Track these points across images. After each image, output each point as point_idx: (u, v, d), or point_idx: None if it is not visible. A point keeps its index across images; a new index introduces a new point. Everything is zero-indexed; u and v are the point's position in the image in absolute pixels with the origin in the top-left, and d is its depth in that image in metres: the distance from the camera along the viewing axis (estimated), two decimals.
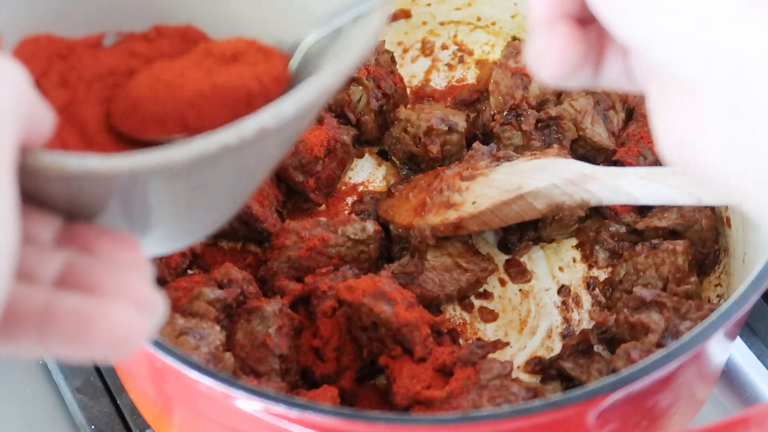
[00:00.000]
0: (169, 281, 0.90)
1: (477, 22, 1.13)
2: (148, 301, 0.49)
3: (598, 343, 0.88)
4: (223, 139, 0.48)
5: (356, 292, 0.85)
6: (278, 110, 0.50)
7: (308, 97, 0.51)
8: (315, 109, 0.53)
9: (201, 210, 0.55)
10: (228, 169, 0.51)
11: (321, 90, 0.51)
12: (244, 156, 0.51)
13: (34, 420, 0.96)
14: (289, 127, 0.52)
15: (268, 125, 0.49)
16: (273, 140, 0.52)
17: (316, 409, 0.68)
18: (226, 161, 0.50)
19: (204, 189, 0.52)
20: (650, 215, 0.96)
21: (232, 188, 0.55)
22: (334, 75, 0.52)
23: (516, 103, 1.00)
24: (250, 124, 0.49)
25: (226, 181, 0.53)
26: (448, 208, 0.92)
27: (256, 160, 0.54)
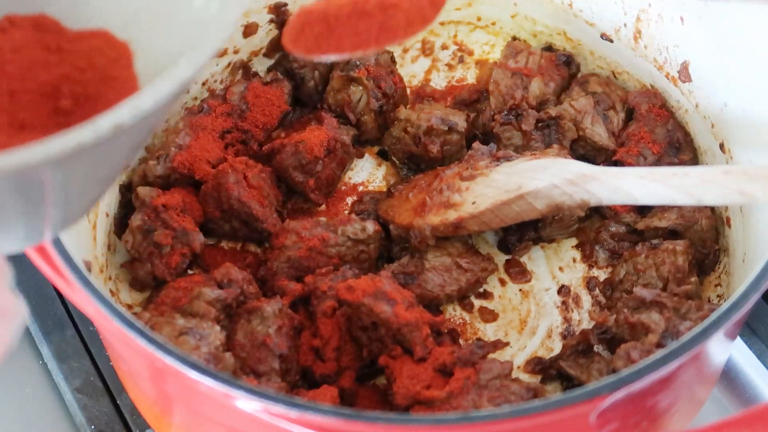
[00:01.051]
0: (169, 281, 0.90)
1: (477, 22, 1.13)
2: (7, 309, 0.48)
3: (598, 343, 0.88)
4: (78, 137, 0.47)
5: (356, 292, 0.85)
6: (135, 105, 0.49)
7: (164, 90, 0.50)
8: (171, 103, 0.53)
9: (65, 205, 0.53)
10: (88, 164, 0.51)
11: (176, 83, 0.50)
12: (104, 151, 0.50)
13: (34, 420, 0.96)
14: (146, 121, 0.51)
15: (124, 121, 0.49)
16: (134, 133, 0.52)
17: (316, 409, 0.68)
18: (85, 158, 0.49)
19: (65, 185, 0.51)
20: (650, 215, 0.96)
21: (93, 181, 0.54)
22: (189, 68, 0.51)
23: (516, 103, 1.00)
24: (105, 121, 0.48)
25: (88, 175, 0.52)
26: (448, 208, 0.92)
27: (117, 153, 0.53)
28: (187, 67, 0.51)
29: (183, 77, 0.51)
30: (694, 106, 0.99)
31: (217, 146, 0.99)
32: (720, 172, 0.83)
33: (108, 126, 0.48)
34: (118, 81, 0.58)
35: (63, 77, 0.57)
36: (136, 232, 0.92)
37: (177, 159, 0.96)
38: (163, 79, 0.50)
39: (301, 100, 1.07)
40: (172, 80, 0.50)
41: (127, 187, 0.98)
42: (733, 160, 0.95)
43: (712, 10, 0.95)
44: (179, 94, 0.52)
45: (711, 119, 0.97)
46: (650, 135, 1.00)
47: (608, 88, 1.04)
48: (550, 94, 1.04)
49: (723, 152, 0.96)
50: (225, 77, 1.07)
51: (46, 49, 0.58)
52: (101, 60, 0.58)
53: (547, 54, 1.07)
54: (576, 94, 1.03)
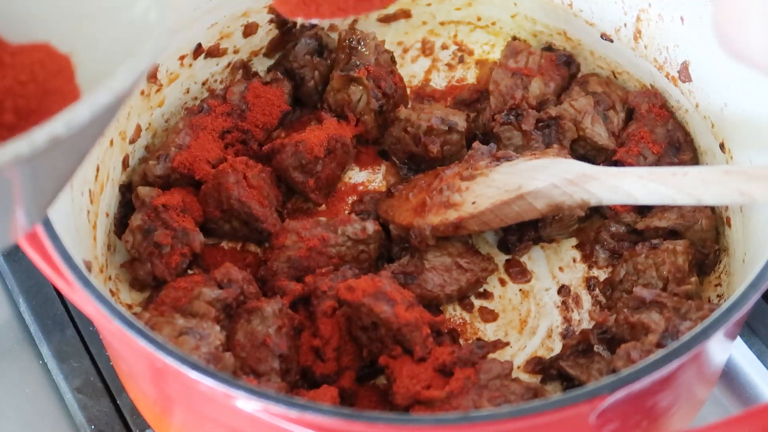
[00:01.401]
0: (169, 281, 0.90)
1: (477, 22, 1.13)
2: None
3: (598, 343, 0.88)
4: (13, 151, 0.47)
5: (356, 292, 0.85)
6: (71, 117, 0.49)
7: (100, 101, 0.50)
8: (112, 112, 0.52)
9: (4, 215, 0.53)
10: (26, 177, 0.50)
11: (113, 94, 0.50)
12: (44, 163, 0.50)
13: (34, 420, 0.96)
14: (84, 132, 0.50)
15: (60, 133, 0.48)
16: (69, 146, 0.51)
17: (316, 409, 0.68)
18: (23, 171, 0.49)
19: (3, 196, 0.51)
20: (650, 215, 0.96)
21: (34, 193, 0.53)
22: (127, 77, 0.51)
23: (516, 103, 1.00)
24: (41, 134, 0.48)
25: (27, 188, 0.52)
26: (448, 208, 0.92)
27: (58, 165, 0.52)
28: (123, 78, 0.51)
29: (120, 88, 0.51)
30: (694, 106, 0.99)
31: (217, 146, 0.99)
32: (720, 172, 0.83)
33: (43, 138, 0.48)
34: (60, 94, 0.58)
35: (5, 91, 0.57)
36: (136, 232, 0.92)
37: (177, 159, 0.96)
38: (99, 90, 0.50)
39: (301, 100, 1.07)
40: (109, 91, 0.50)
41: (127, 187, 0.98)
42: (733, 160, 0.95)
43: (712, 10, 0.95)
44: (118, 104, 0.52)
45: (711, 119, 0.97)
46: (650, 135, 1.00)
47: (608, 88, 1.04)
48: (550, 94, 1.04)
49: (723, 152, 0.96)
50: (225, 77, 1.07)
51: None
52: (43, 73, 0.58)
53: (547, 54, 1.07)
54: (576, 94, 1.03)
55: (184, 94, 1.04)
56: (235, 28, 1.05)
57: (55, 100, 0.57)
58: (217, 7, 1.02)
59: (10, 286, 1.03)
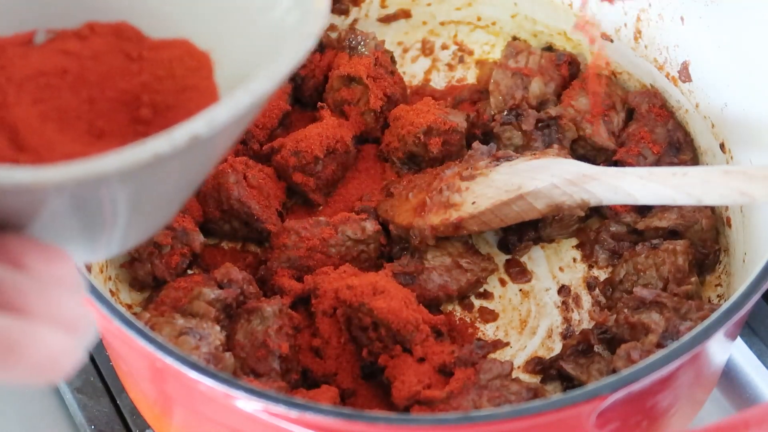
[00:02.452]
0: (169, 281, 0.90)
1: (477, 22, 1.13)
2: (78, 323, 0.47)
3: (598, 343, 0.88)
4: (154, 148, 0.47)
5: (356, 292, 0.85)
6: (212, 117, 0.48)
7: (242, 103, 0.49)
8: (249, 115, 0.52)
9: (134, 217, 0.53)
10: (162, 176, 0.50)
11: (255, 96, 0.50)
12: (180, 163, 0.50)
13: (34, 420, 0.96)
14: (223, 134, 0.50)
15: (201, 133, 0.48)
16: (211, 145, 0.51)
17: (316, 409, 0.68)
18: (160, 169, 0.49)
19: (137, 197, 0.50)
20: (650, 215, 0.96)
21: (168, 193, 0.53)
22: (268, 81, 0.50)
23: (516, 103, 1.00)
24: (182, 132, 0.48)
25: (160, 187, 0.51)
26: (448, 208, 0.92)
27: (193, 165, 0.52)
28: (265, 81, 0.50)
29: (261, 91, 0.50)
30: (694, 106, 0.99)
31: None
32: (720, 172, 0.83)
33: (185, 137, 0.47)
34: (197, 91, 0.57)
35: (142, 86, 0.56)
36: None
37: None
38: (241, 91, 0.49)
39: (301, 100, 1.07)
40: (251, 93, 0.49)
41: None
42: (733, 160, 0.95)
43: (712, 10, 0.95)
44: (257, 108, 0.51)
45: (711, 119, 0.97)
46: (650, 135, 1.00)
47: (608, 88, 1.04)
48: (550, 94, 1.04)
49: (723, 152, 0.96)
50: None
51: (126, 58, 0.58)
52: (181, 69, 0.58)
53: (547, 54, 1.06)
54: (576, 94, 1.03)
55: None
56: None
57: (192, 97, 0.56)
58: None
59: None
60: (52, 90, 0.55)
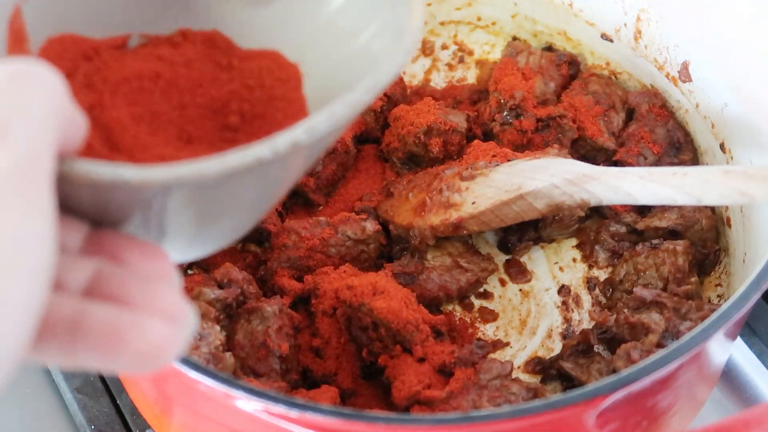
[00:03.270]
0: None
1: (477, 22, 1.13)
2: (180, 314, 0.48)
3: (598, 343, 0.88)
4: (256, 153, 0.48)
5: (356, 292, 0.85)
6: (312, 125, 0.50)
7: (341, 112, 0.51)
8: (344, 126, 0.53)
9: (225, 220, 0.54)
10: (255, 182, 0.51)
11: (354, 106, 0.51)
12: (274, 170, 0.51)
13: (34, 420, 0.96)
14: (320, 142, 0.52)
15: (301, 140, 0.49)
16: (302, 155, 0.52)
17: (316, 409, 0.68)
18: (256, 175, 0.50)
19: (230, 200, 0.52)
20: (650, 215, 0.96)
21: (256, 200, 0.54)
22: (367, 92, 0.52)
23: (516, 103, 1.00)
24: (283, 139, 0.49)
25: (251, 193, 0.53)
26: (448, 208, 0.92)
27: (283, 174, 0.53)
28: (364, 92, 0.52)
29: (359, 102, 0.51)
30: (694, 106, 0.99)
31: None
32: (720, 172, 0.83)
33: (286, 144, 0.49)
34: (285, 101, 0.58)
35: (232, 94, 0.58)
36: None
37: None
38: (339, 102, 0.51)
39: None
40: (349, 105, 0.51)
41: None
42: (733, 160, 0.95)
43: (712, 10, 0.95)
44: (352, 120, 0.53)
45: (711, 119, 0.97)
46: (650, 135, 1.00)
47: (608, 88, 1.04)
48: (550, 94, 1.04)
49: (723, 152, 0.96)
50: None
51: (217, 65, 0.59)
52: (270, 80, 0.59)
53: (548, 54, 1.06)
54: (576, 95, 1.03)
55: None
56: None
57: (280, 107, 0.58)
58: None
59: None
60: (145, 93, 0.56)
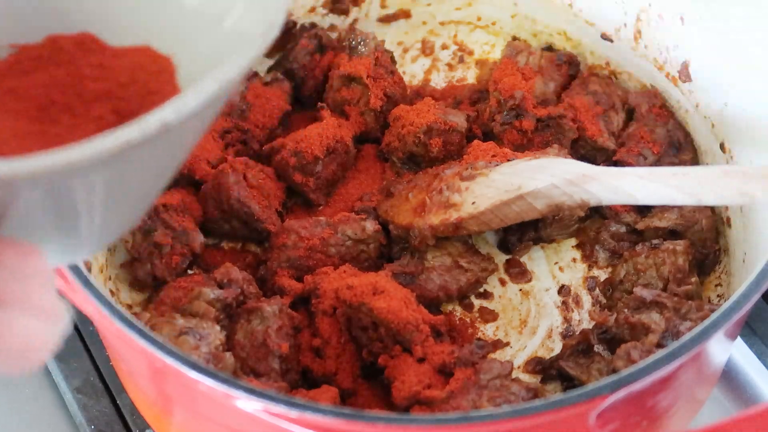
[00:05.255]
0: (169, 281, 0.90)
1: (477, 22, 1.13)
2: (52, 311, 0.48)
3: (598, 343, 0.88)
4: (125, 135, 0.47)
5: (356, 292, 0.85)
6: (179, 104, 0.49)
7: (209, 90, 0.50)
8: (217, 104, 0.53)
9: (108, 212, 0.53)
10: (131, 167, 0.50)
11: (222, 82, 0.50)
12: (148, 153, 0.50)
13: (34, 420, 0.96)
14: (192, 122, 0.50)
15: (170, 119, 0.48)
16: (176, 136, 0.51)
17: (316, 409, 0.68)
18: (130, 159, 0.49)
19: (109, 189, 0.50)
20: (650, 215, 0.96)
21: (137, 188, 0.53)
22: (235, 68, 0.51)
23: (516, 103, 1.00)
24: (153, 119, 0.48)
25: (130, 180, 0.51)
26: (448, 209, 0.92)
27: (161, 158, 0.52)
28: (230, 68, 0.51)
29: (227, 78, 0.51)
30: (694, 106, 0.99)
31: (217, 146, 0.99)
32: (720, 172, 0.83)
33: (155, 124, 0.48)
34: (161, 95, 0.58)
35: (107, 94, 0.57)
36: (136, 232, 0.92)
37: None
38: (207, 79, 0.50)
39: (301, 100, 1.07)
40: (217, 81, 0.50)
41: None
42: (733, 160, 0.95)
43: (712, 10, 0.95)
44: (223, 97, 0.52)
45: (711, 119, 0.97)
46: (650, 135, 1.00)
47: (608, 88, 1.04)
48: (550, 94, 1.04)
49: (723, 152, 0.96)
50: None
51: (89, 67, 0.58)
52: (144, 75, 0.58)
53: (548, 54, 1.06)
54: (576, 94, 1.03)
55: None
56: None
57: (156, 100, 0.57)
58: None
59: None
60: (16, 97, 0.55)
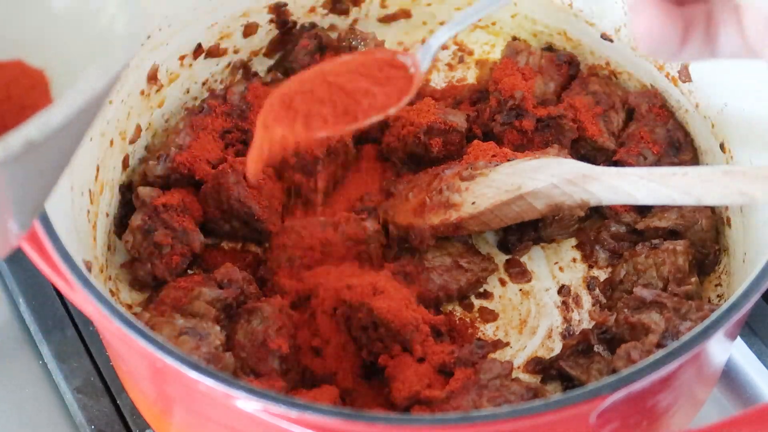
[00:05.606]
0: (169, 281, 0.90)
1: (477, 22, 1.13)
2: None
3: (598, 343, 0.88)
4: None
5: (356, 291, 0.85)
6: (44, 121, 0.48)
7: (73, 103, 0.49)
8: (89, 114, 0.51)
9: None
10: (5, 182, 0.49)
11: (85, 95, 0.49)
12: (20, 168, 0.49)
13: (34, 420, 0.96)
14: (62, 135, 0.49)
15: (34, 137, 0.47)
16: (46, 150, 0.50)
17: (316, 409, 0.68)
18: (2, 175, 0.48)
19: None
20: (650, 215, 0.96)
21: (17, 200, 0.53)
22: (97, 79, 0.50)
23: (516, 103, 1.00)
24: (15, 138, 0.47)
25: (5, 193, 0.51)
26: (448, 209, 0.92)
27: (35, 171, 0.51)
28: (94, 80, 0.50)
29: (90, 89, 0.50)
30: (694, 106, 0.99)
31: (217, 146, 0.99)
32: (720, 172, 0.83)
33: (18, 142, 0.47)
34: (36, 108, 0.57)
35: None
36: (136, 232, 0.92)
37: (177, 159, 0.96)
38: (71, 92, 0.49)
39: None
40: (80, 93, 0.49)
41: (128, 187, 0.98)
42: (733, 160, 0.95)
43: None
44: (96, 106, 0.51)
45: (711, 119, 0.97)
46: (650, 135, 1.00)
47: (608, 88, 1.04)
48: (550, 94, 1.04)
49: (723, 152, 0.96)
50: (225, 77, 1.07)
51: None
52: (17, 90, 0.58)
53: (548, 54, 1.06)
54: (576, 94, 1.03)
55: (185, 94, 1.04)
56: (235, 28, 1.05)
57: (30, 115, 0.55)
58: (217, 8, 1.02)
59: (10, 286, 1.03)
60: None
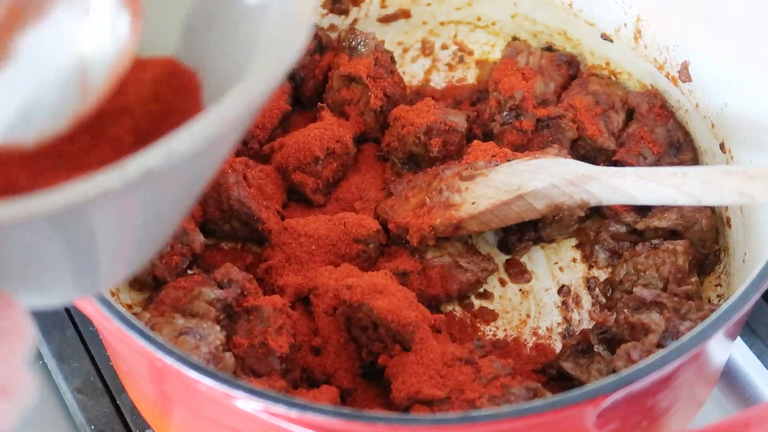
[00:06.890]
0: (169, 281, 0.90)
1: (477, 22, 1.13)
2: (13, 387, 0.43)
3: (598, 343, 0.88)
4: (102, 184, 0.41)
5: (356, 292, 0.85)
6: (169, 150, 0.42)
7: (206, 131, 0.42)
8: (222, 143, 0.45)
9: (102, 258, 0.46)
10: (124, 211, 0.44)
11: (222, 124, 0.42)
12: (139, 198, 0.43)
13: (34, 420, 0.96)
14: (190, 164, 0.43)
15: (155, 167, 0.41)
16: (172, 179, 0.44)
17: (316, 409, 0.68)
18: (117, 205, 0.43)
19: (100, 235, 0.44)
20: (650, 215, 0.96)
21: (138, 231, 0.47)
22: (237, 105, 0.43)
23: (516, 103, 1.00)
24: (135, 166, 0.41)
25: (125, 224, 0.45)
26: (448, 209, 0.92)
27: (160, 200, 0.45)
28: (234, 105, 0.43)
29: (230, 116, 0.43)
30: (694, 106, 0.99)
31: None
32: (720, 172, 0.83)
33: (137, 171, 0.41)
34: (184, 115, 0.51)
35: (124, 109, 0.51)
36: None
37: None
38: (205, 118, 0.42)
39: (301, 100, 1.07)
40: (217, 121, 0.42)
41: None
42: (733, 160, 0.95)
43: (712, 10, 0.95)
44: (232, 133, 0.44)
45: (711, 119, 0.97)
46: (650, 135, 1.00)
47: (608, 88, 1.04)
48: (550, 94, 1.04)
49: (723, 152, 0.96)
50: None
51: None
52: (166, 91, 0.52)
53: (548, 54, 1.06)
54: (576, 94, 1.03)
55: None
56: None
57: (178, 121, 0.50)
58: None
59: None
60: None
